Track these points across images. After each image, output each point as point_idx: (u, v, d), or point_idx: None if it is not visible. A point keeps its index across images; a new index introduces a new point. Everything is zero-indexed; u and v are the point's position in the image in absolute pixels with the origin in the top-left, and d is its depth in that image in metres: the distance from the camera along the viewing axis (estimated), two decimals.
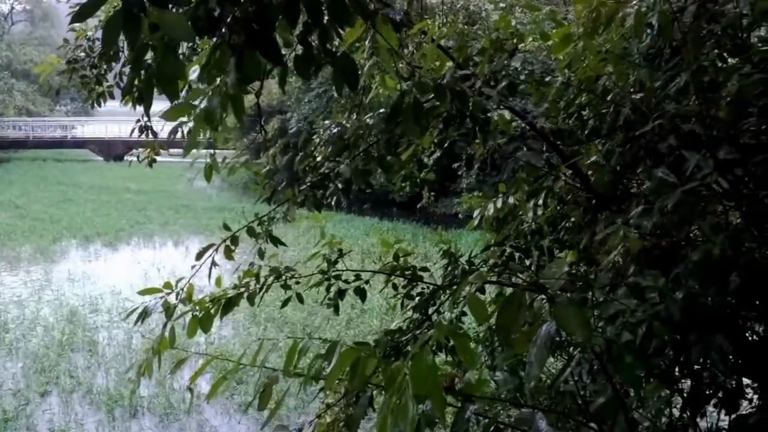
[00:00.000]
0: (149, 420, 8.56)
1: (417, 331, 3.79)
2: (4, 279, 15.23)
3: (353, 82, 2.08)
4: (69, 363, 10.26)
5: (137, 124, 5.72)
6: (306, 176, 3.63)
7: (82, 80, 5.56)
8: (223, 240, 3.61)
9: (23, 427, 8.31)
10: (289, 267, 3.71)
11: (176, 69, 1.64)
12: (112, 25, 1.50)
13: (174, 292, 3.31)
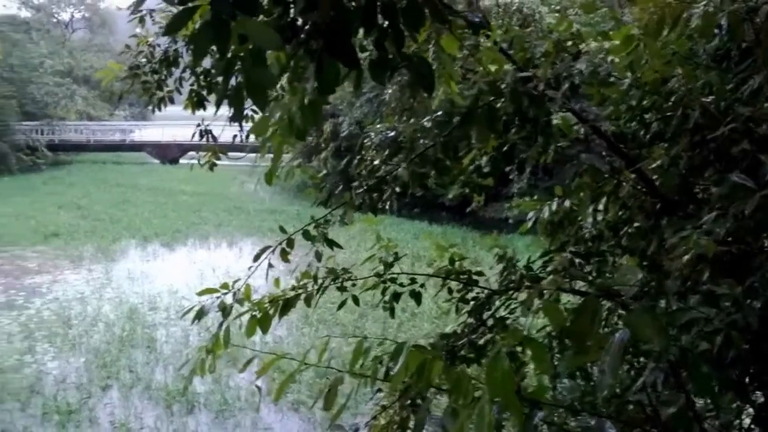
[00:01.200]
0: (205, 416, 8.73)
1: (473, 335, 3.77)
2: (67, 277, 15.71)
3: (429, 85, 2.07)
4: (129, 359, 10.54)
5: (197, 128, 5.84)
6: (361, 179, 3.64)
7: (144, 86, 5.69)
8: (279, 242, 3.63)
9: (86, 419, 8.56)
10: (345, 269, 3.73)
11: (265, 78, 1.64)
12: (201, 36, 1.52)
13: (231, 293, 3.35)
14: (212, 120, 5.79)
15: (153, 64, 5.57)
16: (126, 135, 46.38)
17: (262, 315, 3.24)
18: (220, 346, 3.26)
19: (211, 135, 5.92)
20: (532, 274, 3.75)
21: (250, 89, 1.64)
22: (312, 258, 3.76)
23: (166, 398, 9.09)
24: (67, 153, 43.12)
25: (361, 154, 3.83)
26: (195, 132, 5.84)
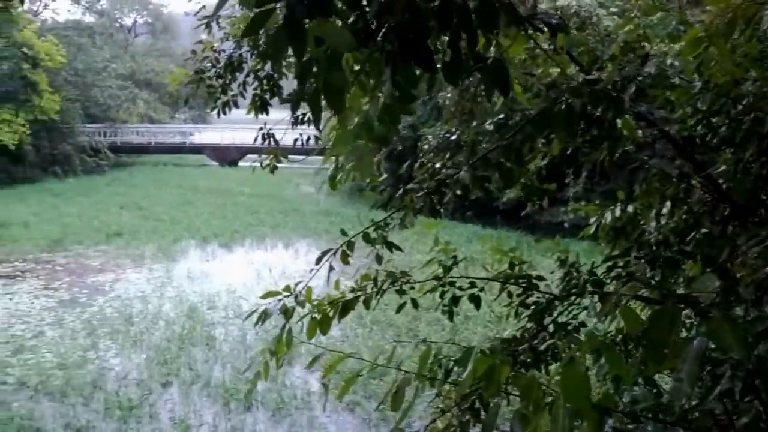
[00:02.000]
0: (262, 414, 8.84)
1: (533, 341, 3.74)
2: (129, 276, 16.12)
3: (505, 86, 2.06)
4: (188, 356, 10.76)
5: (260, 132, 5.95)
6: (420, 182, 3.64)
7: (209, 90, 5.82)
8: (340, 245, 3.65)
9: (146, 415, 8.75)
10: (404, 272, 3.73)
11: (342, 81, 1.65)
12: (277, 39, 1.54)
13: (292, 295, 3.38)
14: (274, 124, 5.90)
15: (218, 69, 5.69)
16: (186, 138, 47.37)
17: (321, 317, 3.26)
18: (282, 348, 3.29)
19: (273, 138, 6.02)
20: (595, 279, 3.70)
21: (326, 93, 1.64)
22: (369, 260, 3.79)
23: (224, 396, 9.24)
24: (129, 155, 44.28)
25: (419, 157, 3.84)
26: (257, 135, 5.96)
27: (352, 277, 3.63)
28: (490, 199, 19.64)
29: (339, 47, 1.57)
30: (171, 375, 10.02)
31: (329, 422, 8.71)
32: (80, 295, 14.42)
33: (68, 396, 9.25)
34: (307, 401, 9.16)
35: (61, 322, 12.48)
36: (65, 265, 17.14)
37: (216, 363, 10.52)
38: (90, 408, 8.94)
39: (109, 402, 9.06)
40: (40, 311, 13.20)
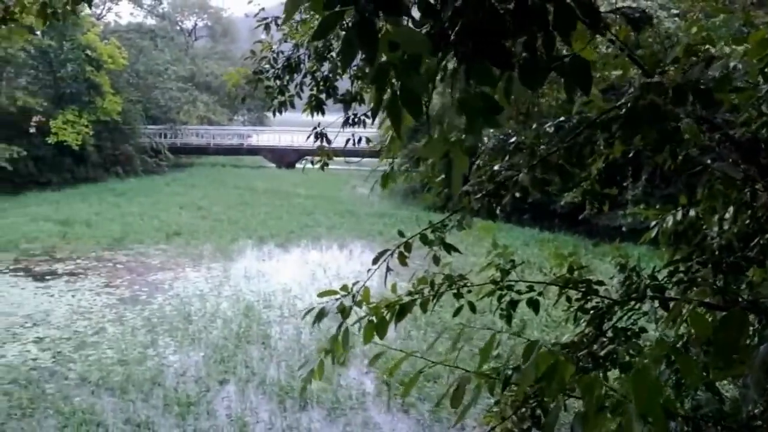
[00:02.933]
0: (317, 413, 8.92)
1: (592, 346, 3.69)
2: (188, 274, 16.45)
3: (587, 85, 2.03)
4: (245, 354, 10.91)
5: (313, 132, 6.03)
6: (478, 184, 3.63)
7: (267, 90, 5.92)
8: (397, 246, 3.65)
9: (204, 411, 8.91)
10: (462, 275, 3.73)
11: (420, 86, 1.64)
12: (349, 40, 1.55)
13: (349, 294, 3.40)
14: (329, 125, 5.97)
15: (276, 70, 5.79)
16: (244, 139, 48.12)
17: (378, 320, 3.26)
18: (339, 347, 3.31)
19: (326, 138, 6.08)
20: (656, 284, 3.64)
21: (404, 97, 1.63)
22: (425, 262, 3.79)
23: (279, 394, 9.35)
24: (188, 156, 45.21)
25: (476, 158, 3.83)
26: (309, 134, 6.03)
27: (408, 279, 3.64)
28: (548, 202, 19.44)
29: (415, 50, 1.56)
30: (228, 373, 10.17)
31: (384, 423, 8.73)
32: (140, 293, 14.76)
33: (128, 392, 9.45)
34: (361, 401, 9.21)
35: (122, 319, 12.78)
36: (126, 263, 17.57)
37: (271, 361, 10.65)
38: (149, 404, 9.13)
39: (167, 398, 9.24)
40: (102, 308, 13.55)
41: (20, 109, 31.20)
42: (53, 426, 8.39)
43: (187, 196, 29.18)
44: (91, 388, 9.62)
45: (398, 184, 18.97)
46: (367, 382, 9.81)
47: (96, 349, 11.15)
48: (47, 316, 12.85)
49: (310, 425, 8.57)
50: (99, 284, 15.41)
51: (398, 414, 8.94)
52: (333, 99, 5.76)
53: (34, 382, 9.71)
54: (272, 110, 6.09)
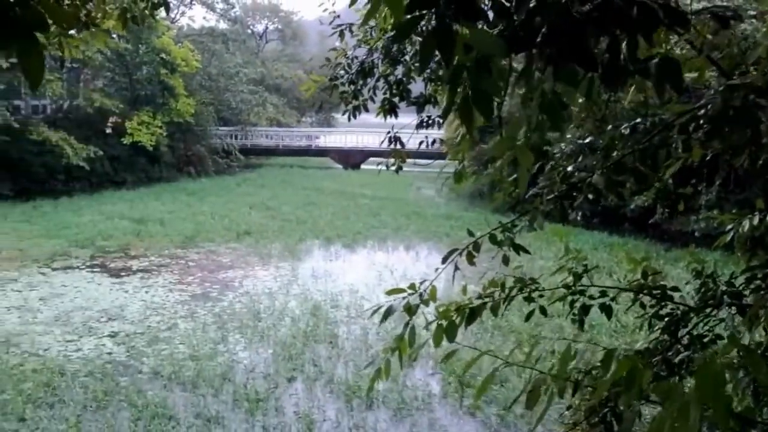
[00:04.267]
0: (384, 413, 8.96)
1: (667, 353, 3.63)
2: (257, 273, 16.76)
3: (678, 84, 2.00)
4: (312, 353, 11.05)
5: (387, 135, 6.08)
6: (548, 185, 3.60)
7: (341, 95, 6.00)
8: (466, 246, 3.65)
9: (272, 408, 9.06)
10: (533, 279, 3.70)
11: (492, 87, 1.66)
12: (427, 44, 1.58)
13: (416, 293, 3.41)
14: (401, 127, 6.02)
15: (350, 75, 5.87)
16: (312, 141, 48.85)
17: (447, 324, 3.25)
18: (405, 346, 3.33)
19: (399, 141, 6.13)
20: (733, 290, 3.56)
21: (476, 99, 1.66)
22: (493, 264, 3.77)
23: (346, 393, 9.43)
24: (258, 157, 46.11)
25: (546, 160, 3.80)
26: (384, 138, 6.10)
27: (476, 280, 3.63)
28: (617, 206, 19.05)
29: (489, 52, 1.59)
30: (296, 370, 10.31)
31: (450, 425, 8.72)
32: (211, 290, 15.09)
33: (199, 387, 9.67)
34: (427, 402, 9.22)
35: (194, 315, 13.10)
36: (198, 261, 18.01)
37: (339, 360, 10.76)
38: (219, 399, 9.31)
39: (237, 394, 9.42)
40: (174, 304, 13.91)
41: (97, 110, 32.36)
42: (127, 418, 8.63)
43: (257, 196, 29.73)
44: (164, 382, 9.87)
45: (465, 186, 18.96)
46: (433, 384, 9.82)
47: (168, 344, 11.45)
48: (122, 311, 13.27)
49: (376, 425, 8.62)
50: (171, 281, 15.84)
51: (464, 417, 8.92)
52: (406, 102, 5.80)
53: (109, 375, 10.02)
54: (347, 114, 6.16)
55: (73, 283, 15.43)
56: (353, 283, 15.66)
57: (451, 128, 9.84)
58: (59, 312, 13.14)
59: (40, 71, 1.59)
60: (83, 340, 11.58)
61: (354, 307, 13.64)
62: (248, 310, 13.37)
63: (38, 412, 8.73)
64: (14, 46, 1.53)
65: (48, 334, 11.85)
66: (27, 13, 1.49)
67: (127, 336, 11.84)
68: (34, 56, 1.55)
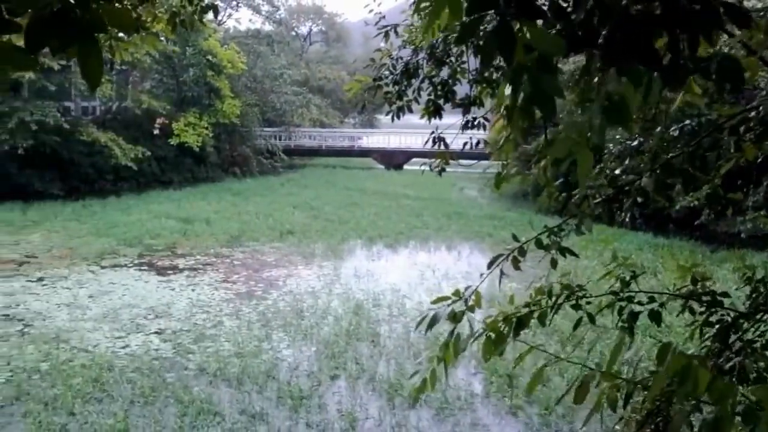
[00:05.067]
0: (426, 412, 8.97)
1: (718, 359, 3.58)
2: (300, 272, 16.90)
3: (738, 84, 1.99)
4: (355, 351, 11.13)
5: (431, 136, 6.09)
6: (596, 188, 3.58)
7: (385, 96, 6.03)
8: (511, 250, 3.63)
9: (315, 405, 9.14)
10: (580, 286, 3.67)
11: (552, 87, 1.67)
12: (488, 44, 1.61)
13: (461, 299, 3.40)
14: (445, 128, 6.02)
15: (395, 76, 5.89)
16: (354, 141, 49.18)
17: (495, 335, 3.25)
18: (450, 354, 3.32)
19: (444, 142, 6.14)
20: None
21: (536, 99, 1.67)
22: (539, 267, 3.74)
23: (388, 391, 9.48)
24: (301, 157, 46.53)
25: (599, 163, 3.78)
26: (428, 139, 6.11)
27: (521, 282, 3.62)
28: (662, 206, 18.75)
29: (549, 52, 1.60)
30: (339, 368, 10.39)
31: (492, 424, 8.70)
32: (256, 289, 15.27)
33: (244, 383, 9.78)
34: (470, 402, 9.21)
35: (239, 313, 13.27)
36: (242, 259, 18.23)
37: (381, 359, 10.81)
38: (264, 396, 9.42)
39: (281, 391, 9.52)
40: (219, 302, 14.09)
41: (145, 112, 32.99)
42: (173, 414, 8.78)
43: (300, 197, 29.99)
44: (209, 378, 10.01)
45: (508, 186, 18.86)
46: (476, 384, 9.80)
47: (214, 341, 11.61)
48: (168, 309, 13.51)
49: (418, 424, 8.63)
50: (217, 279, 16.06)
51: (506, 416, 8.89)
52: (451, 103, 5.81)
53: (156, 371, 10.21)
54: (390, 115, 6.19)
55: (122, 280, 15.75)
56: (395, 282, 15.71)
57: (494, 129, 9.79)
58: (108, 309, 13.42)
59: (99, 73, 1.65)
60: (131, 337, 11.81)
61: (396, 306, 13.70)
62: (292, 309, 13.50)
63: (87, 406, 8.93)
64: (74, 47, 1.58)
65: (97, 330, 12.12)
66: (87, 15, 1.55)
67: (173, 333, 12.05)
68: (93, 58, 1.61)
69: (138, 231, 21.12)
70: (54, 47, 1.54)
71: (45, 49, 1.58)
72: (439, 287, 15.30)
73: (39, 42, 1.53)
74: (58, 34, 1.52)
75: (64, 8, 1.50)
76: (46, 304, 13.70)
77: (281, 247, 19.73)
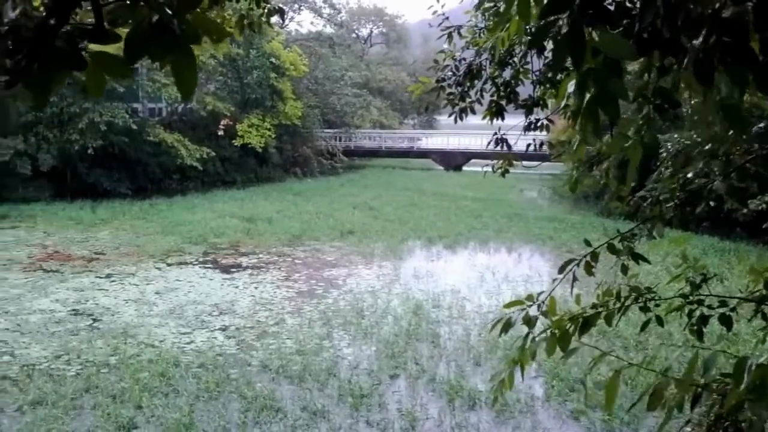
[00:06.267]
0: (486, 414, 8.94)
1: None
2: (360, 271, 17.03)
3: None
4: (414, 351, 11.15)
5: (494, 137, 6.09)
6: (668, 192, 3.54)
7: (448, 97, 6.05)
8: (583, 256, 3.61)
9: (375, 404, 9.20)
10: (649, 288, 3.64)
11: (618, 89, 1.69)
12: (560, 47, 1.64)
13: (535, 304, 3.40)
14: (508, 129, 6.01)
15: (457, 77, 5.91)
16: (413, 142, 49.33)
17: (560, 334, 3.24)
18: (527, 358, 3.33)
19: (506, 143, 6.13)
20: None
21: (602, 101, 1.69)
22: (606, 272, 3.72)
23: (449, 392, 9.47)
24: (361, 158, 46.85)
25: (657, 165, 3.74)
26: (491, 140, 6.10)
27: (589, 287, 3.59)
28: (729, 210, 18.24)
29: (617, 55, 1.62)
30: (398, 368, 10.44)
31: (553, 429, 8.62)
32: (317, 287, 15.45)
33: (305, 380, 9.90)
34: (530, 405, 9.14)
35: (300, 312, 13.45)
36: (304, 258, 18.47)
37: (441, 360, 10.81)
38: (325, 393, 9.52)
39: (342, 389, 9.61)
40: (281, 300, 14.30)
41: (210, 113, 33.71)
42: (237, 409, 8.94)
43: (360, 197, 30.22)
44: (272, 375, 10.17)
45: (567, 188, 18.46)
46: (536, 387, 9.73)
47: (276, 338, 11.79)
48: (232, 306, 13.78)
49: (478, 425, 8.61)
50: (279, 278, 16.30)
51: (568, 420, 8.80)
52: (514, 104, 5.79)
53: (220, 367, 10.40)
54: (452, 116, 6.20)
55: (187, 278, 16.15)
56: (455, 283, 15.69)
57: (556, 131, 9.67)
58: (173, 305, 13.78)
59: (194, 82, 1.72)
60: (196, 333, 12.10)
61: (456, 307, 13.68)
62: (352, 308, 13.61)
63: (154, 400, 9.18)
64: (169, 58, 1.66)
65: (163, 326, 12.45)
66: (183, 27, 1.62)
67: (237, 330, 12.29)
68: (188, 68, 1.68)
69: (203, 229, 21.63)
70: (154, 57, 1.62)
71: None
72: (499, 290, 15.22)
73: (137, 52, 1.61)
74: (155, 45, 1.60)
75: (161, 20, 1.58)
76: (114, 300, 14.15)
77: (341, 247, 19.91)
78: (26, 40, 1.60)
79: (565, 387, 9.54)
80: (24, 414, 8.81)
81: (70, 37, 1.62)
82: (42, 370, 10.23)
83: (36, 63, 1.60)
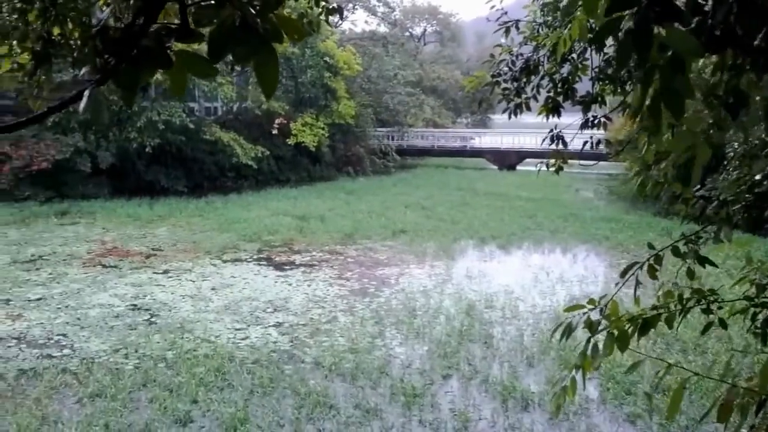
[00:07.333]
0: (539, 415, 8.83)
1: None
2: (412, 271, 16.98)
3: None
4: (467, 352, 11.07)
5: (549, 134, 6.01)
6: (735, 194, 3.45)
7: (503, 93, 6.00)
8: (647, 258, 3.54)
9: (428, 404, 9.16)
10: (712, 290, 3.55)
11: (683, 87, 1.65)
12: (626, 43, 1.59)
13: (597, 308, 3.35)
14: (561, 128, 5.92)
15: (514, 72, 5.85)
16: (467, 142, 49.05)
17: (619, 333, 3.19)
18: (589, 363, 3.29)
19: (562, 141, 6.04)
20: None
21: (666, 98, 1.65)
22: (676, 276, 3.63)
23: (502, 393, 9.38)
24: (413, 157, 46.81)
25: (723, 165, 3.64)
26: (545, 137, 6.02)
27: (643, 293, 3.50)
28: None
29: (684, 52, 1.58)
30: (451, 368, 10.37)
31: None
32: (369, 286, 15.48)
33: (358, 378, 9.93)
34: (585, 407, 8.98)
35: (352, 310, 13.49)
36: (356, 257, 18.52)
37: (494, 361, 10.72)
38: (377, 391, 9.52)
39: (394, 387, 9.59)
40: (334, 298, 14.36)
41: (264, 112, 34.08)
42: (290, 405, 9.01)
43: (412, 196, 30.17)
44: (325, 372, 10.20)
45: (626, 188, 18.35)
46: (591, 389, 9.56)
47: (329, 336, 11.85)
48: (286, 303, 13.90)
49: (532, 427, 8.51)
50: (332, 276, 16.38)
51: (624, 424, 8.63)
52: (571, 101, 5.70)
53: (274, 363, 10.50)
54: (505, 114, 6.14)
55: (242, 274, 16.35)
56: (508, 284, 15.53)
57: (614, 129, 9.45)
58: (229, 301, 13.96)
59: (275, 81, 1.72)
60: (251, 329, 12.23)
61: (509, 308, 13.54)
62: (404, 307, 13.59)
63: (209, 394, 9.31)
64: (253, 58, 1.67)
65: (219, 322, 12.63)
66: (266, 26, 1.63)
67: (290, 327, 12.39)
68: (270, 67, 1.68)
69: (257, 227, 21.89)
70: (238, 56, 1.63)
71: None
72: (554, 290, 15.02)
73: (221, 51, 1.62)
74: (239, 44, 1.61)
75: (245, 20, 1.59)
76: (171, 296, 14.43)
77: (393, 246, 19.90)
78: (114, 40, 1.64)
79: (621, 390, 9.36)
80: (84, 406, 9.03)
81: (158, 36, 1.65)
82: (101, 364, 10.48)
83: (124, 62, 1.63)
